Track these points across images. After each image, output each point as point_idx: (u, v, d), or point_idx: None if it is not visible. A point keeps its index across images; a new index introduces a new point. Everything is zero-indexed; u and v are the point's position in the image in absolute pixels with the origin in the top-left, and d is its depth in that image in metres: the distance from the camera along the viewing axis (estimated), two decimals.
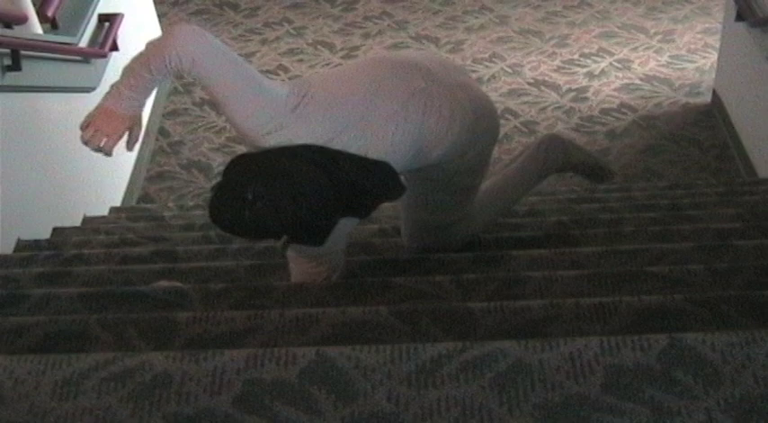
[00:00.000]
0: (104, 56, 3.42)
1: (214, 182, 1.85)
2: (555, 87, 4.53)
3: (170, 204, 3.77)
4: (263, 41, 5.19)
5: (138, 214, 3.32)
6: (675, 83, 4.50)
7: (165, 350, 1.44)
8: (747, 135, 3.77)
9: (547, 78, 4.62)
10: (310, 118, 1.64)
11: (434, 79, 1.80)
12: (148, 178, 4.08)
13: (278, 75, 4.83)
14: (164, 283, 1.97)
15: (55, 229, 2.87)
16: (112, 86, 1.69)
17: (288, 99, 1.64)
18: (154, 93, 4.46)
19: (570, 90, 4.50)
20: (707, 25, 5.00)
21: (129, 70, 1.67)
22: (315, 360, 1.30)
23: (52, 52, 2.91)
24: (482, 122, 1.89)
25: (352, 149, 1.66)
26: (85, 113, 1.70)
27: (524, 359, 1.28)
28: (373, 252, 2.33)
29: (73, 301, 1.89)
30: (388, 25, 5.26)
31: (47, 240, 2.71)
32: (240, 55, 5.02)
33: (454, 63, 1.94)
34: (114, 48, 3.55)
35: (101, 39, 3.47)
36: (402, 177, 1.84)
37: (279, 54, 5.04)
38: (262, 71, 4.87)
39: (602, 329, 1.50)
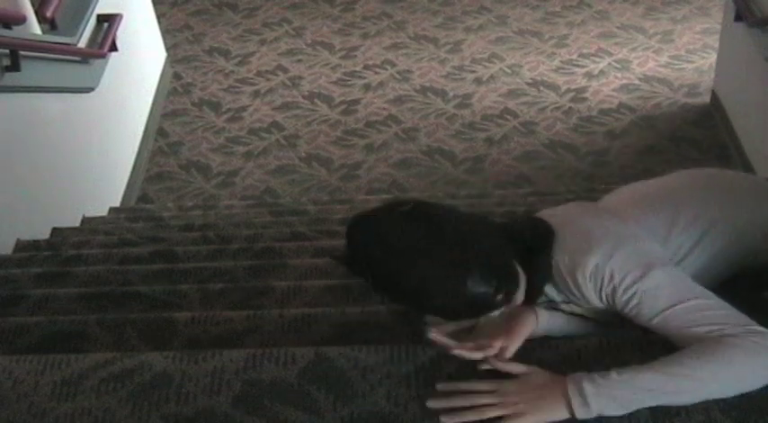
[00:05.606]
0: (103, 56, 3.41)
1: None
2: (554, 88, 4.53)
3: (169, 205, 3.77)
4: (262, 42, 5.18)
5: (137, 214, 3.32)
6: (674, 83, 4.50)
7: (164, 350, 1.44)
8: (746, 135, 3.77)
9: (546, 78, 4.62)
10: None
11: None
12: (147, 178, 4.07)
13: (277, 75, 4.83)
14: None
15: (54, 230, 2.86)
16: None
17: None
18: (152, 93, 4.46)
19: (569, 90, 4.50)
20: (706, 25, 5.00)
21: None
22: (314, 360, 1.30)
23: (51, 52, 2.90)
24: None
25: None
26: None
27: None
28: None
29: (72, 301, 1.89)
30: (387, 25, 5.26)
31: (46, 241, 2.71)
32: (239, 55, 5.07)
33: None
34: (113, 48, 3.54)
35: (100, 39, 3.46)
36: None
37: (278, 54, 5.04)
38: (261, 71, 4.87)
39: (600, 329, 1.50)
